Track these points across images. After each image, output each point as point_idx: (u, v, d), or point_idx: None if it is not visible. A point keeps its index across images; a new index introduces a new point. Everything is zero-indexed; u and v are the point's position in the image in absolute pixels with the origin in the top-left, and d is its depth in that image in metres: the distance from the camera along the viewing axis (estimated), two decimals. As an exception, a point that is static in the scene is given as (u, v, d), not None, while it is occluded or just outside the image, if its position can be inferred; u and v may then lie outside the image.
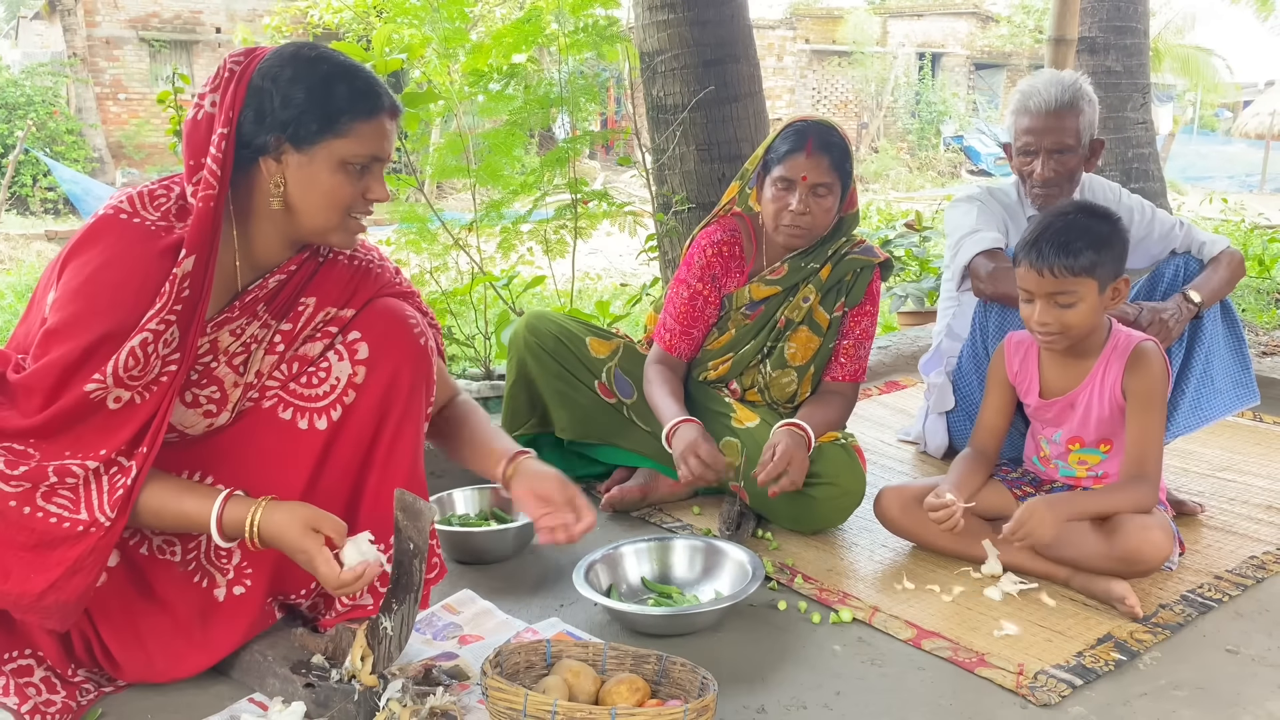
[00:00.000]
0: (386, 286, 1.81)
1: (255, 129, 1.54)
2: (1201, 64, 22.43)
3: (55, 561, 1.46)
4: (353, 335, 1.73)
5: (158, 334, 1.50)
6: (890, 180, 18.40)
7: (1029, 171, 2.59)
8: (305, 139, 1.54)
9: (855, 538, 2.38)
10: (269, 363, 1.71)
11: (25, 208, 13.41)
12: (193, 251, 1.51)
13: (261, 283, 1.65)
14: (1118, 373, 2.09)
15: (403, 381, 1.73)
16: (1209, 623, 1.97)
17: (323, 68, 1.55)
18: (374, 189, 1.62)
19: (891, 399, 3.54)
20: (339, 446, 1.71)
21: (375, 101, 1.58)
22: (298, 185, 1.57)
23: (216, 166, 1.51)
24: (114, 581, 1.63)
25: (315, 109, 1.53)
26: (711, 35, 3.95)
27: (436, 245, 3.64)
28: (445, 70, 3.86)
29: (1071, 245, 1.98)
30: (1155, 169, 6.68)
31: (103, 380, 1.47)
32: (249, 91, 1.53)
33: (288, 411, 1.70)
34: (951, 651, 1.85)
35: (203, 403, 1.66)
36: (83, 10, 16.17)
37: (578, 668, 1.62)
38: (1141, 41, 6.50)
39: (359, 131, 1.56)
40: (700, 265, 2.46)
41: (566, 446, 2.65)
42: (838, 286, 2.45)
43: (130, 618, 1.65)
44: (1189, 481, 2.71)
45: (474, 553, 2.23)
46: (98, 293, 1.49)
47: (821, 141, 2.29)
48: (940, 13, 23.37)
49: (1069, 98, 2.51)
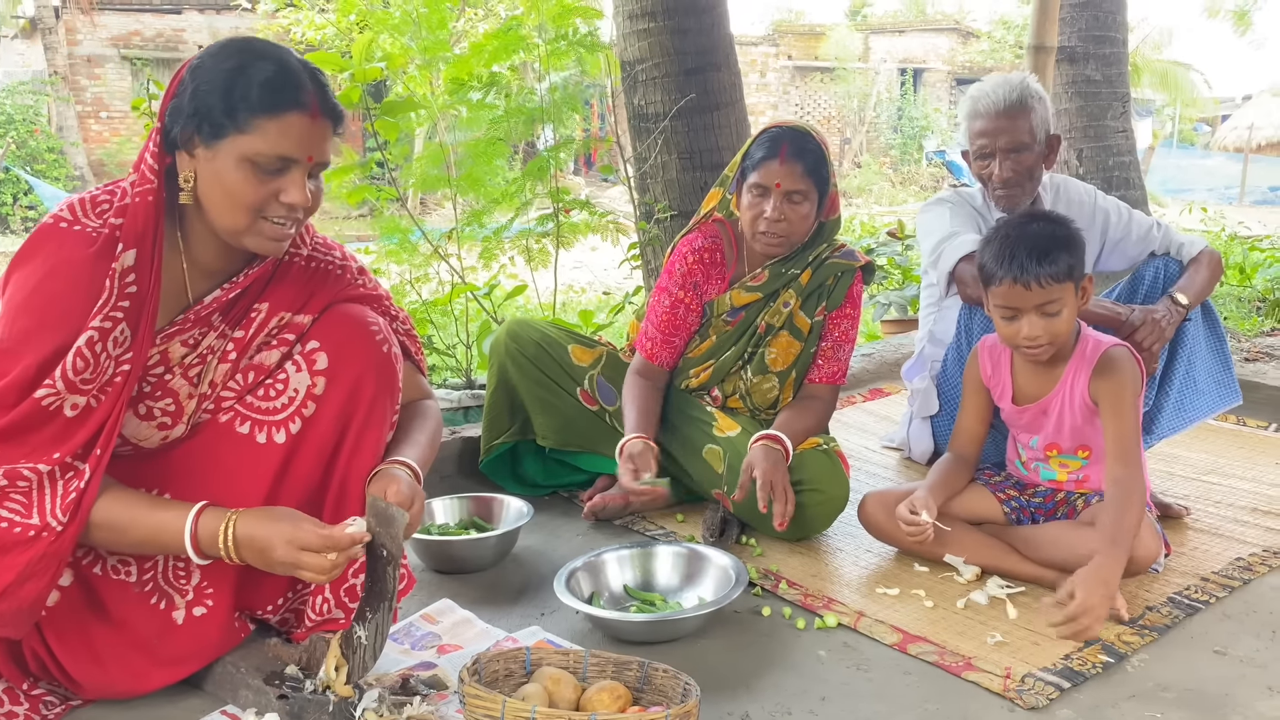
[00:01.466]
0: (346, 289, 1.75)
1: (172, 121, 1.49)
2: (1180, 79, 22.65)
3: (5, 567, 1.42)
4: (311, 345, 1.67)
5: (104, 332, 1.46)
6: (873, 195, 18.47)
7: (988, 174, 2.59)
8: (211, 133, 1.46)
9: (839, 543, 2.35)
10: (222, 372, 1.65)
11: (5, 226, 13.33)
12: (131, 245, 1.48)
13: (220, 295, 1.60)
14: (1086, 378, 2.08)
15: (364, 391, 1.67)
16: (1197, 624, 1.96)
17: (239, 60, 1.47)
18: (289, 192, 1.50)
19: (875, 406, 3.53)
20: (299, 460, 1.66)
21: (286, 97, 1.46)
22: (204, 181, 1.50)
23: (153, 160, 1.50)
24: (67, 600, 1.57)
25: (223, 100, 1.45)
26: (692, 44, 3.95)
27: (417, 256, 3.61)
28: (427, 81, 3.85)
29: (1049, 254, 1.97)
30: (1136, 177, 6.71)
31: (53, 386, 1.43)
32: (180, 83, 1.49)
33: (245, 425, 1.65)
34: (938, 655, 1.82)
35: (157, 415, 1.62)
36: (64, 29, 16.13)
37: (558, 675, 1.59)
38: (1120, 51, 6.55)
39: (263, 128, 1.45)
40: (681, 273, 2.44)
41: (548, 454, 2.62)
42: (818, 291, 2.43)
43: (85, 637, 1.59)
44: (1174, 485, 2.69)
45: (453, 562, 2.20)
46: (45, 305, 1.45)
47: (796, 148, 2.27)
48: (921, 29, 23.57)
49: (1017, 96, 2.52)
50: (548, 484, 2.66)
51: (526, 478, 2.66)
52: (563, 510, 2.57)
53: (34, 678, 1.61)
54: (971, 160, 2.64)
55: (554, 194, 3.57)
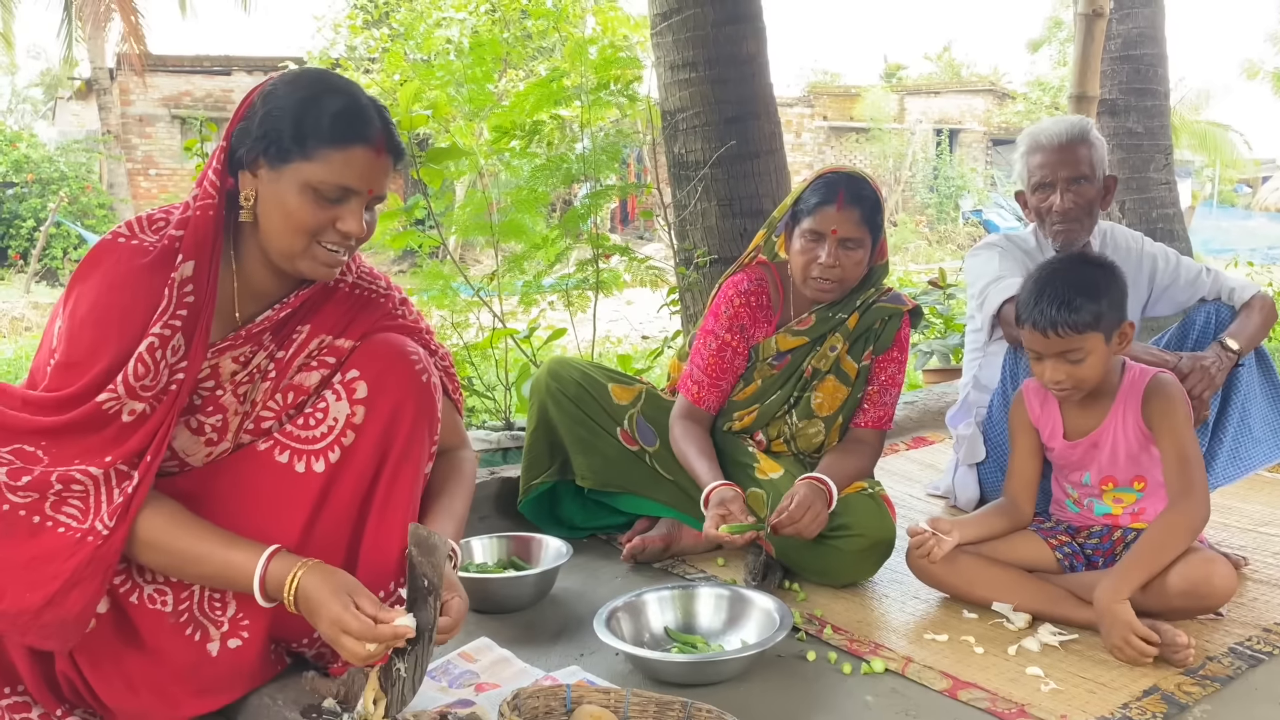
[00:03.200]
0: (386, 318, 1.77)
1: (239, 142, 1.53)
2: (1219, 139, 22.59)
3: (51, 575, 1.41)
4: (351, 374, 1.68)
5: (164, 339, 1.48)
6: (910, 253, 18.45)
7: (1047, 207, 2.57)
8: (278, 157, 1.50)
9: (886, 589, 2.30)
10: (264, 390, 1.67)
11: (55, 279, 13.63)
12: (190, 256, 1.50)
13: (272, 314, 1.63)
14: (1137, 407, 2.06)
15: (404, 419, 1.67)
16: (1260, 675, 1.88)
17: (314, 89, 1.51)
18: (346, 221, 1.53)
19: (919, 454, 3.47)
20: (338, 489, 1.65)
21: (353, 133, 1.50)
22: (265, 202, 1.53)
23: (215, 177, 1.53)
24: (102, 627, 1.55)
25: (290, 128, 1.48)
26: (732, 93, 3.99)
27: (459, 301, 3.64)
28: (471, 131, 3.91)
29: (1072, 303, 1.96)
30: (1180, 229, 6.65)
31: (115, 391, 1.45)
32: (250, 107, 1.53)
33: (284, 454, 1.65)
34: (990, 702, 1.76)
35: (206, 430, 1.63)
36: (118, 90, 16.65)
37: (599, 714, 1.55)
38: (1162, 104, 6.54)
39: (328, 158, 1.49)
40: (728, 316, 2.42)
41: (587, 495, 2.59)
42: (865, 335, 2.41)
43: (119, 665, 1.57)
44: (1229, 536, 2.61)
45: (492, 601, 2.17)
46: (107, 317, 1.47)
47: (853, 194, 2.26)
48: (957, 90, 23.71)
49: (1079, 131, 2.53)
50: (586, 525, 2.64)
51: (565, 519, 2.63)
52: (601, 552, 2.54)
53: (69, 704, 1.60)
54: (1029, 195, 2.63)
55: (593, 239, 3.59)
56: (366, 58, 15.38)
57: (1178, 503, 1.99)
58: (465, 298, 3.71)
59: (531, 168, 3.55)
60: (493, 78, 3.77)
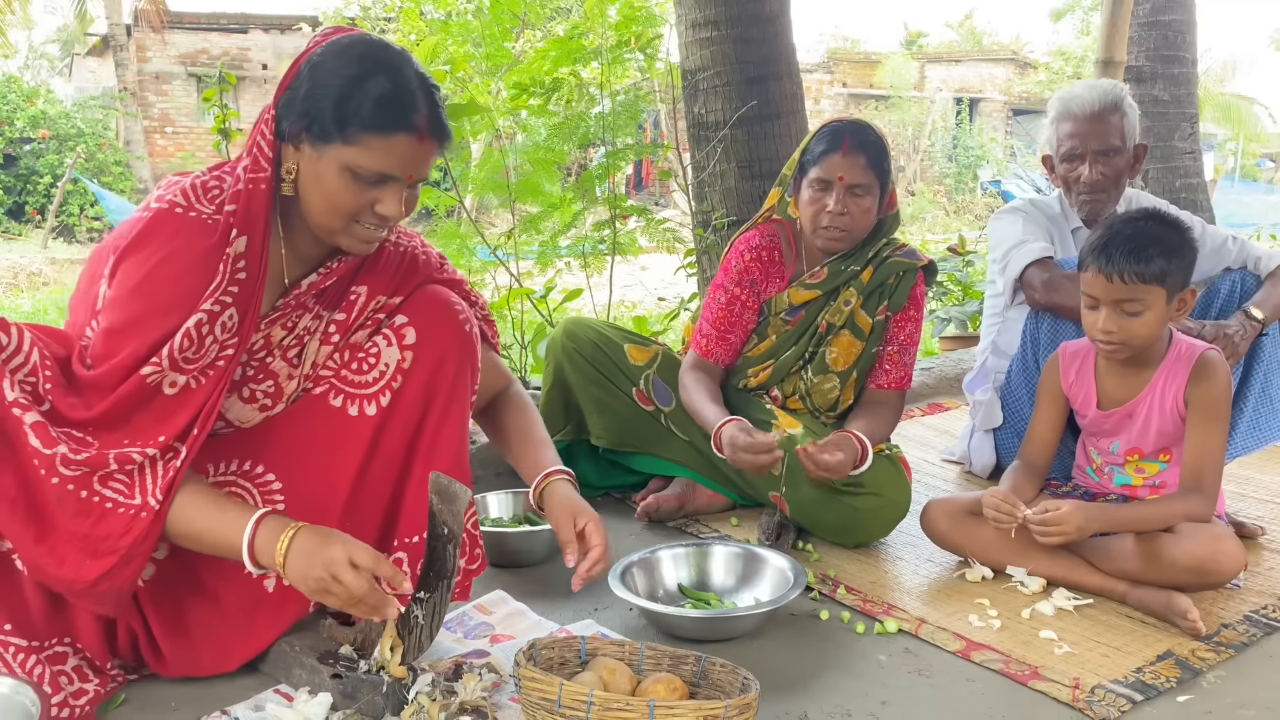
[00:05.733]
0: (434, 273, 1.80)
1: (284, 114, 1.50)
2: (1243, 112, 22.28)
3: (109, 549, 1.43)
4: (400, 320, 1.71)
5: (214, 315, 1.48)
6: (927, 223, 18.31)
7: (1075, 177, 2.53)
8: (320, 136, 1.47)
9: (900, 552, 2.30)
10: (324, 354, 1.70)
11: (72, 235, 13.68)
12: (244, 231, 1.50)
13: (317, 280, 1.64)
14: (1180, 382, 2.01)
15: (448, 366, 1.70)
16: (1274, 643, 1.87)
17: (360, 68, 1.47)
18: (385, 204, 1.52)
19: (935, 420, 3.46)
20: (388, 433, 1.69)
21: (396, 120, 1.47)
22: (305, 178, 1.52)
23: (265, 145, 1.50)
24: (163, 574, 1.60)
25: (334, 109, 1.45)
26: (754, 53, 3.94)
27: (475, 260, 3.63)
28: (488, 89, 3.88)
29: (1143, 252, 1.91)
30: (1204, 199, 6.57)
31: (159, 364, 1.45)
32: (296, 75, 1.51)
33: (338, 399, 1.68)
34: (1003, 664, 1.77)
35: (259, 398, 1.65)
36: (134, 47, 16.58)
37: (613, 665, 1.56)
38: (1190, 71, 6.43)
39: (370, 144, 1.46)
40: (738, 270, 2.41)
41: (602, 455, 2.59)
42: (880, 289, 2.39)
43: (179, 610, 1.61)
44: (1247, 506, 2.60)
45: (508, 554, 2.18)
46: (158, 289, 1.47)
47: (858, 140, 2.24)
48: (978, 59, 23.42)
49: (1111, 99, 2.47)
50: (601, 485, 2.64)
51: (580, 478, 2.60)
52: (616, 511, 2.55)
53: (118, 655, 1.62)
54: (1056, 163, 2.59)
55: (610, 200, 3.57)
56: (383, 16, 15.25)
57: (1186, 495, 1.98)
58: (480, 259, 3.70)
59: (549, 127, 3.52)
60: (510, 35, 3.74)
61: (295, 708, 1.55)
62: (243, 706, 1.58)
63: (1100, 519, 1.95)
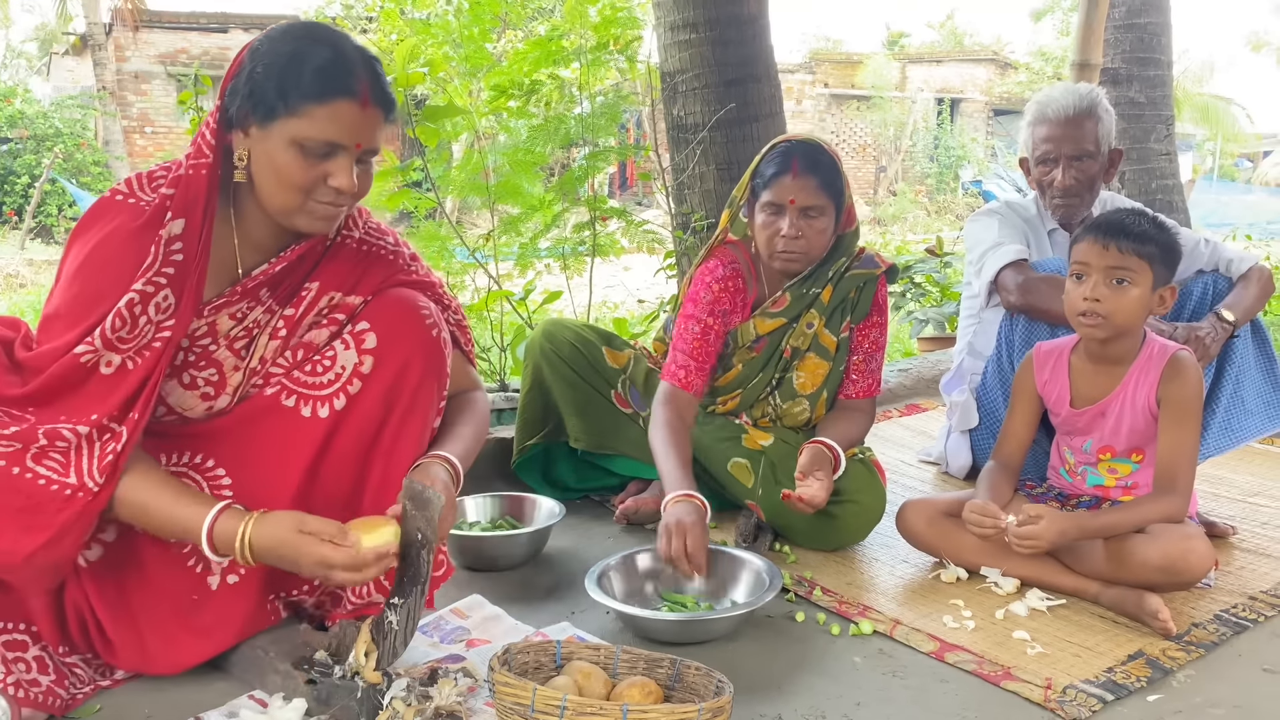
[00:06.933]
0: (398, 273, 1.77)
1: (230, 101, 1.52)
2: (1221, 113, 22.47)
3: (43, 525, 1.44)
4: (361, 325, 1.70)
5: (146, 295, 1.49)
6: (908, 223, 18.40)
7: (1049, 181, 2.55)
8: (265, 114, 1.49)
9: (875, 553, 2.31)
10: (272, 348, 1.68)
11: (50, 236, 13.56)
12: (180, 214, 1.51)
13: (266, 268, 1.63)
14: (1152, 381, 2.03)
15: (412, 373, 1.69)
16: (1245, 642, 1.90)
17: (299, 44, 1.50)
18: (337, 176, 1.52)
19: (912, 421, 3.48)
20: (341, 435, 1.67)
21: (336, 86, 1.48)
22: (256, 160, 1.53)
23: (210, 135, 1.53)
24: (111, 557, 1.60)
25: (276, 84, 1.48)
26: (733, 55, 3.95)
27: (454, 263, 3.63)
28: (467, 91, 3.88)
29: (1139, 231, 1.97)
30: (1180, 200, 6.63)
31: (92, 344, 1.46)
32: (238, 67, 1.53)
33: (290, 399, 1.67)
34: (976, 664, 1.78)
35: (200, 385, 1.65)
36: (113, 46, 16.45)
37: (589, 669, 1.56)
38: (1165, 74, 6.49)
39: (313, 113, 1.48)
40: (709, 301, 2.33)
41: (580, 456, 2.59)
42: (842, 306, 2.37)
43: (124, 595, 1.61)
44: (1219, 506, 2.63)
45: (484, 559, 2.18)
46: (95, 272, 1.49)
47: (808, 162, 2.20)
48: (959, 59, 23.53)
49: (1086, 105, 2.49)
50: (579, 487, 2.64)
51: (558, 480, 2.64)
52: (594, 513, 2.55)
53: (71, 644, 1.62)
54: (1032, 166, 2.61)
55: (590, 202, 3.57)
56: (364, 16, 15.21)
57: (1159, 497, 2.00)
58: (460, 260, 3.69)
59: (529, 128, 3.52)
60: (490, 36, 3.73)
61: (270, 714, 1.54)
62: (217, 713, 1.58)
63: (1075, 530, 1.95)
